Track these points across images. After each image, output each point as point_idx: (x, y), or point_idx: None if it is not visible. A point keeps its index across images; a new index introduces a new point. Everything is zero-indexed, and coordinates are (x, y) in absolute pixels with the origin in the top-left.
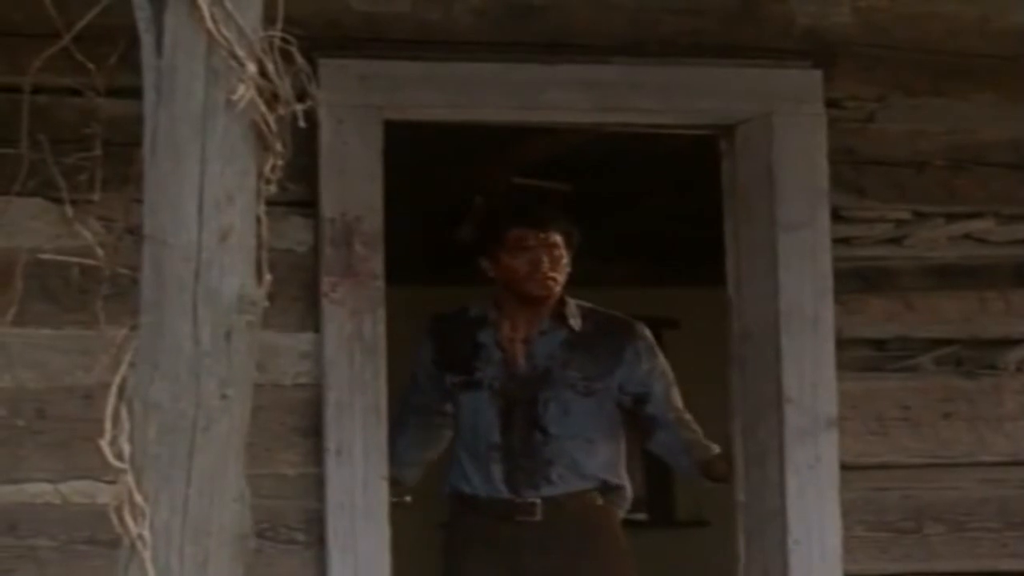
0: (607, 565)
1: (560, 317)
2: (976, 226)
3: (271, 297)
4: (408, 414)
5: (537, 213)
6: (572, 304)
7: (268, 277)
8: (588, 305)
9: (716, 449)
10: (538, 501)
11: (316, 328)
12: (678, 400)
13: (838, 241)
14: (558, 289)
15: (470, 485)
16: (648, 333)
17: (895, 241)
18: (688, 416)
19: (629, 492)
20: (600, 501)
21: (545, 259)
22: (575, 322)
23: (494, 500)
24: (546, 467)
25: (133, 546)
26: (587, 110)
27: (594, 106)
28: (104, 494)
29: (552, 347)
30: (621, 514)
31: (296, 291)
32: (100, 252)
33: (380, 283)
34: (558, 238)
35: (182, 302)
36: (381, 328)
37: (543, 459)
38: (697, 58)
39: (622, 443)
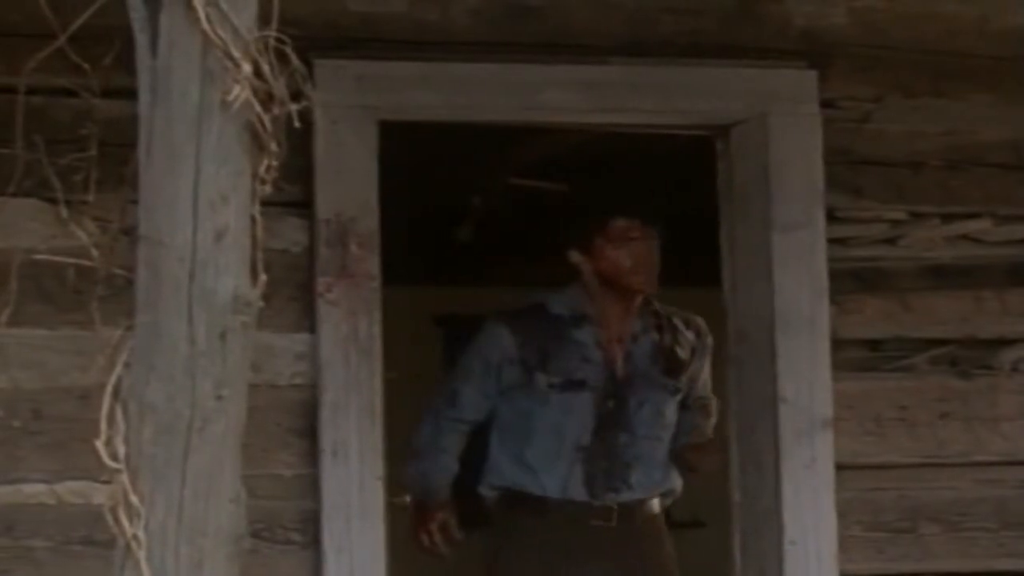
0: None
1: (652, 316)
2: (972, 226)
3: (266, 298)
4: (462, 420)
5: (641, 203)
6: (654, 303)
7: (263, 277)
8: (657, 303)
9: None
10: (615, 506)
11: (312, 329)
12: (708, 387)
13: (834, 241)
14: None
15: (540, 486)
16: (707, 329)
17: (891, 241)
18: (712, 404)
19: (679, 489)
20: (658, 508)
21: (650, 252)
22: (663, 322)
23: (569, 503)
24: (625, 470)
25: (128, 546)
26: (584, 111)
27: (592, 107)
28: (100, 494)
29: (647, 347)
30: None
31: (292, 292)
32: (95, 253)
33: (376, 284)
34: (656, 231)
35: (177, 302)
36: (377, 329)
37: (623, 461)
38: (694, 58)
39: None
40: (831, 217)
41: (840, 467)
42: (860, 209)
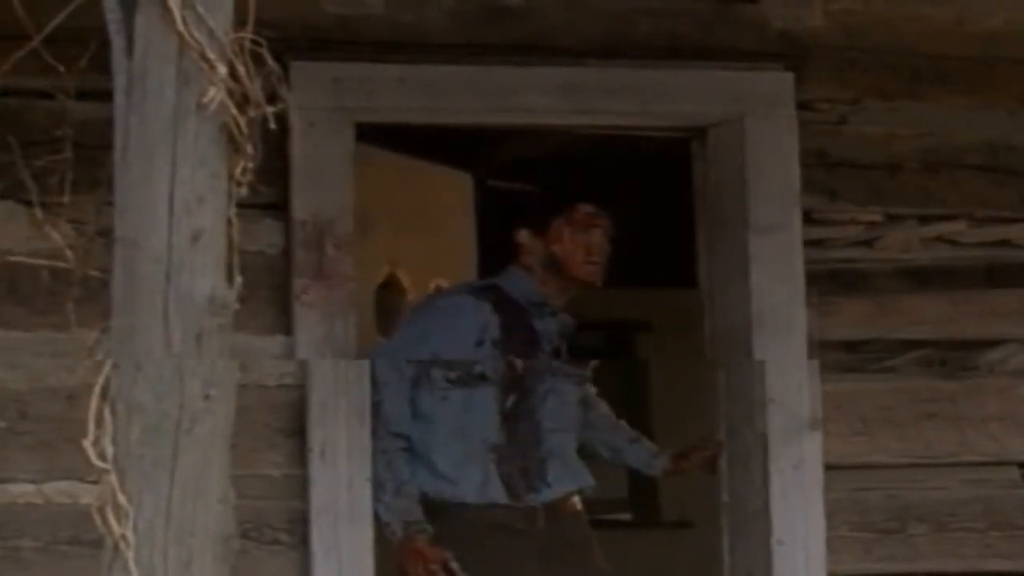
0: None
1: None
2: (949, 228)
3: (242, 300)
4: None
5: (608, 193)
6: None
7: (239, 279)
8: None
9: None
10: (540, 507)
11: (288, 331)
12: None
13: (811, 243)
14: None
15: (455, 490)
16: None
17: (867, 243)
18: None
19: (593, 485)
20: (580, 506)
21: (605, 244)
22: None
23: (490, 507)
24: (540, 465)
25: (116, 547)
26: (561, 113)
27: (568, 109)
28: (87, 495)
29: (552, 334)
30: None
31: (268, 294)
32: (70, 255)
33: (352, 285)
34: (612, 225)
35: (153, 304)
36: (353, 331)
37: (537, 457)
38: (671, 61)
39: None
40: (807, 219)
41: (828, 467)
42: (836, 211)
